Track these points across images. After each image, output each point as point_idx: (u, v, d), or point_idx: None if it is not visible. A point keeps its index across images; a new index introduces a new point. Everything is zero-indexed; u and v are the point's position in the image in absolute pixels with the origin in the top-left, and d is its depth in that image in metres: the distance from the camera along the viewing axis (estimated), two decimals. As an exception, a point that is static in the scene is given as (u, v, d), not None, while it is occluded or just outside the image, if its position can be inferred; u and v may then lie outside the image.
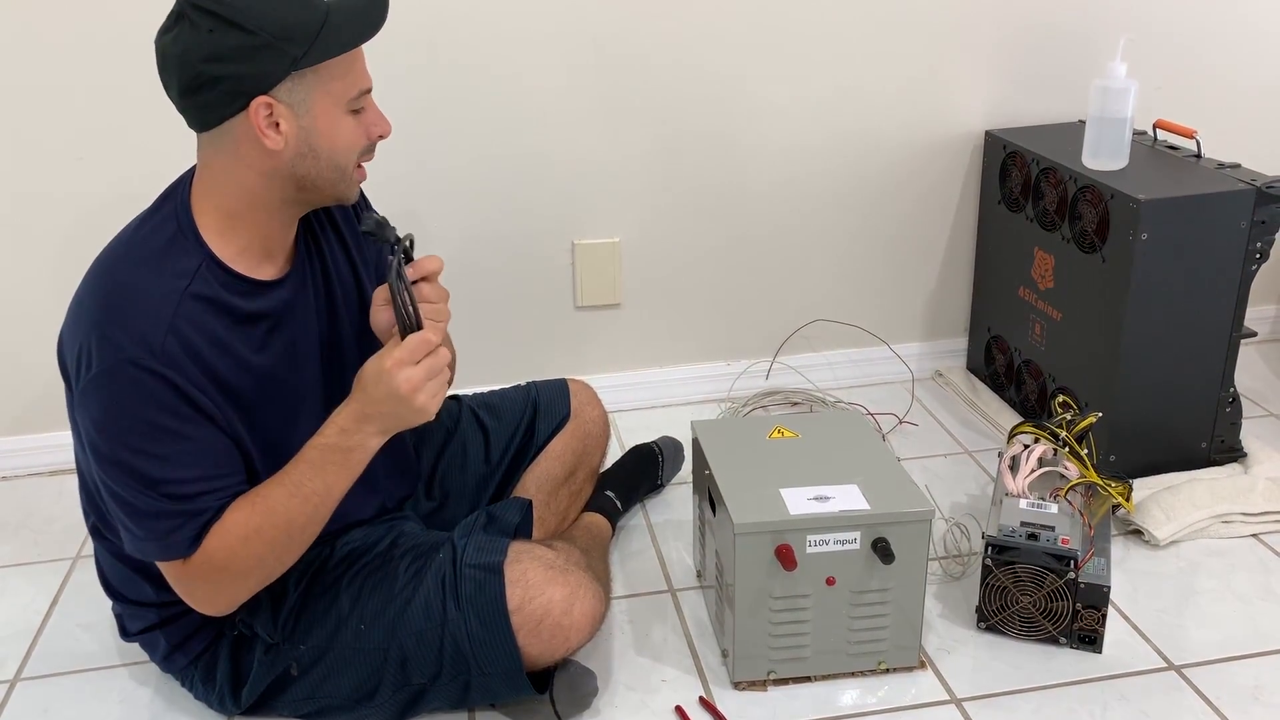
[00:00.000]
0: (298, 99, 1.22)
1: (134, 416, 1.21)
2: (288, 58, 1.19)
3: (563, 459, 1.72)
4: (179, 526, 1.24)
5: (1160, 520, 1.78)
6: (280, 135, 1.23)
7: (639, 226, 2.19)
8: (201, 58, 1.19)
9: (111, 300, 1.23)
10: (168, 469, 1.22)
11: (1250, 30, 2.26)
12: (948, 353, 2.41)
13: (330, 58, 1.22)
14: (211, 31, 1.17)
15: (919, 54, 2.15)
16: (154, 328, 1.20)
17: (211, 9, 1.17)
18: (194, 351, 1.23)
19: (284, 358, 1.35)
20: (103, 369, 1.20)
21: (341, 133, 1.27)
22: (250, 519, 1.26)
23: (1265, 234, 1.83)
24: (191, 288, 1.24)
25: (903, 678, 1.51)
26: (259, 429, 1.32)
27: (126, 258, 1.27)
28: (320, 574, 1.40)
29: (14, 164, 1.93)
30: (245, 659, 1.41)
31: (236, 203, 1.27)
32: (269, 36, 1.18)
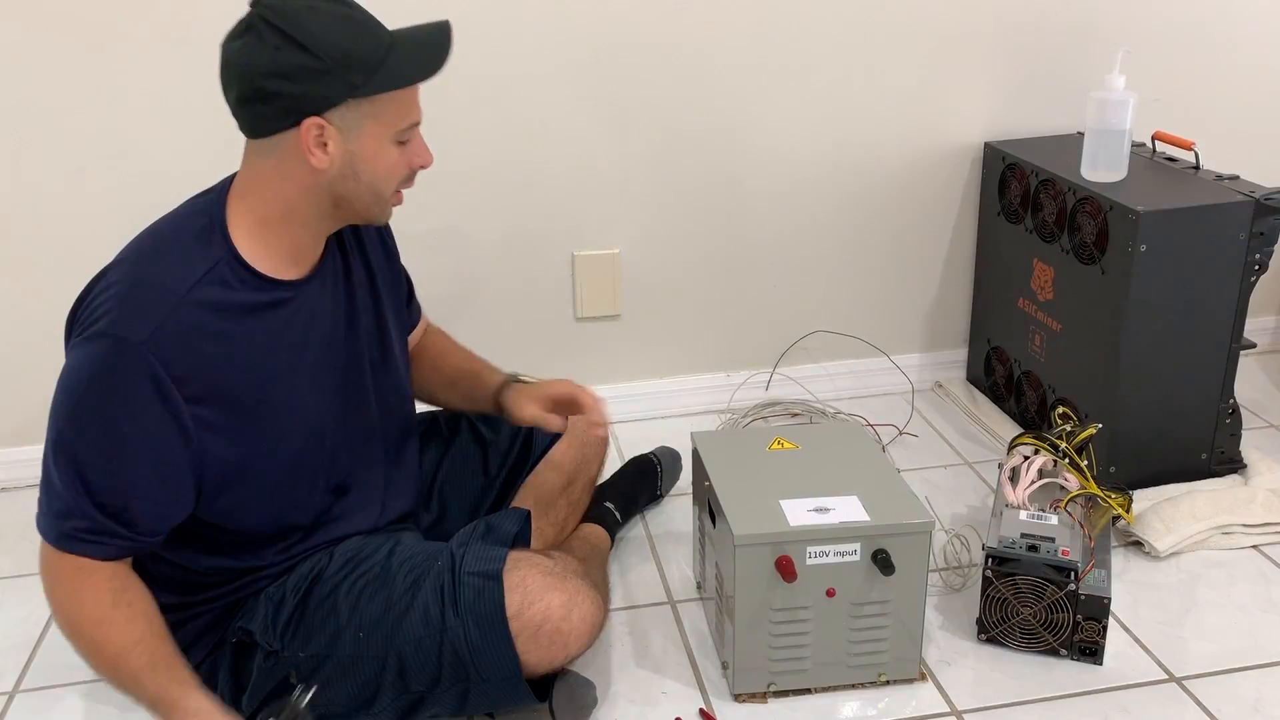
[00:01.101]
0: (349, 124, 1.25)
1: (98, 400, 1.22)
2: (347, 85, 1.22)
3: (561, 470, 1.72)
4: (80, 525, 1.24)
5: (1160, 532, 1.78)
6: (327, 156, 1.25)
7: (639, 238, 2.19)
8: (264, 72, 1.22)
9: (127, 279, 1.25)
10: (106, 478, 1.23)
11: (1248, 42, 2.27)
12: (947, 364, 2.41)
13: (387, 91, 1.25)
14: (278, 49, 1.20)
15: (918, 66, 2.16)
16: (155, 315, 1.22)
17: (281, 27, 1.20)
18: (191, 346, 1.23)
19: (296, 363, 1.35)
20: (96, 333, 1.21)
21: (385, 161, 1.30)
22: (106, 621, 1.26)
23: (1264, 245, 1.83)
24: (202, 283, 1.25)
25: (903, 690, 1.51)
26: (252, 438, 1.31)
27: (153, 242, 1.30)
28: (318, 582, 1.40)
29: (15, 173, 1.94)
30: (245, 667, 1.41)
31: (272, 210, 1.30)
32: (332, 63, 1.21)
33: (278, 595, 1.40)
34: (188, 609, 1.40)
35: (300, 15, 1.21)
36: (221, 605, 1.41)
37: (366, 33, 1.24)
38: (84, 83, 1.90)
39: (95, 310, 1.24)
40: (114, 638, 1.26)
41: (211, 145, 1.96)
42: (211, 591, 1.40)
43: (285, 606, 1.39)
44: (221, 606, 1.41)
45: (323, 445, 1.40)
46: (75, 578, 1.26)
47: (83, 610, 1.26)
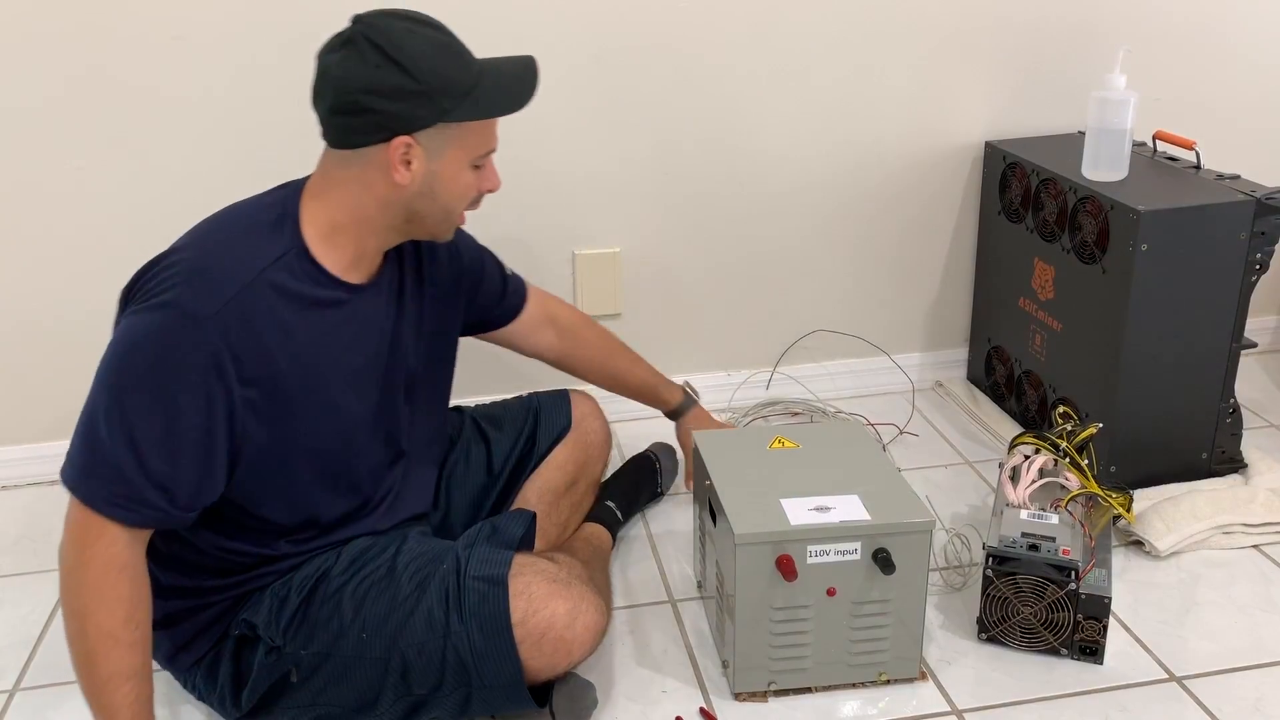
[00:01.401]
0: (434, 145, 1.30)
1: (158, 368, 1.23)
2: (438, 109, 1.28)
3: (565, 469, 1.72)
4: (120, 490, 1.23)
5: (1161, 531, 1.78)
6: (409, 173, 1.30)
7: (639, 237, 2.19)
8: (361, 87, 1.26)
9: (198, 256, 1.28)
10: (151, 444, 1.23)
11: (1249, 41, 2.27)
12: (948, 363, 2.41)
13: (474, 119, 1.32)
14: (378, 67, 1.25)
15: (919, 65, 2.16)
16: (224, 293, 1.24)
17: (383, 46, 1.25)
18: (253, 328, 1.26)
19: (341, 364, 1.37)
20: (163, 303, 1.23)
21: (461, 183, 1.35)
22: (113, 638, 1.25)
23: (1265, 245, 1.83)
24: (271, 269, 1.28)
25: (903, 689, 1.51)
26: (290, 428, 1.33)
27: (226, 225, 1.34)
28: (324, 580, 1.40)
29: (14, 172, 1.94)
30: (247, 660, 1.41)
31: (344, 216, 1.33)
32: (428, 86, 1.26)
33: (283, 591, 1.40)
34: (198, 596, 1.40)
35: (402, 37, 1.26)
36: (229, 598, 1.41)
37: (460, 61, 1.30)
38: (83, 80, 1.90)
39: (162, 282, 1.25)
40: (114, 659, 1.25)
41: (210, 142, 1.97)
42: (222, 580, 1.40)
43: (289, 603, 1.39)
44: (229, 599, 1.41)
45: (352, 447, 1.41)
46: (98, 543, 1.24)
47: (98, 615, 1.24)
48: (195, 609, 1.41)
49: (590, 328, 1.82)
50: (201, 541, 1.38)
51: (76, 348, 2.03)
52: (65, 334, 2.03)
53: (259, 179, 1.44)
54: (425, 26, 1.30)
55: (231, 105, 1.95)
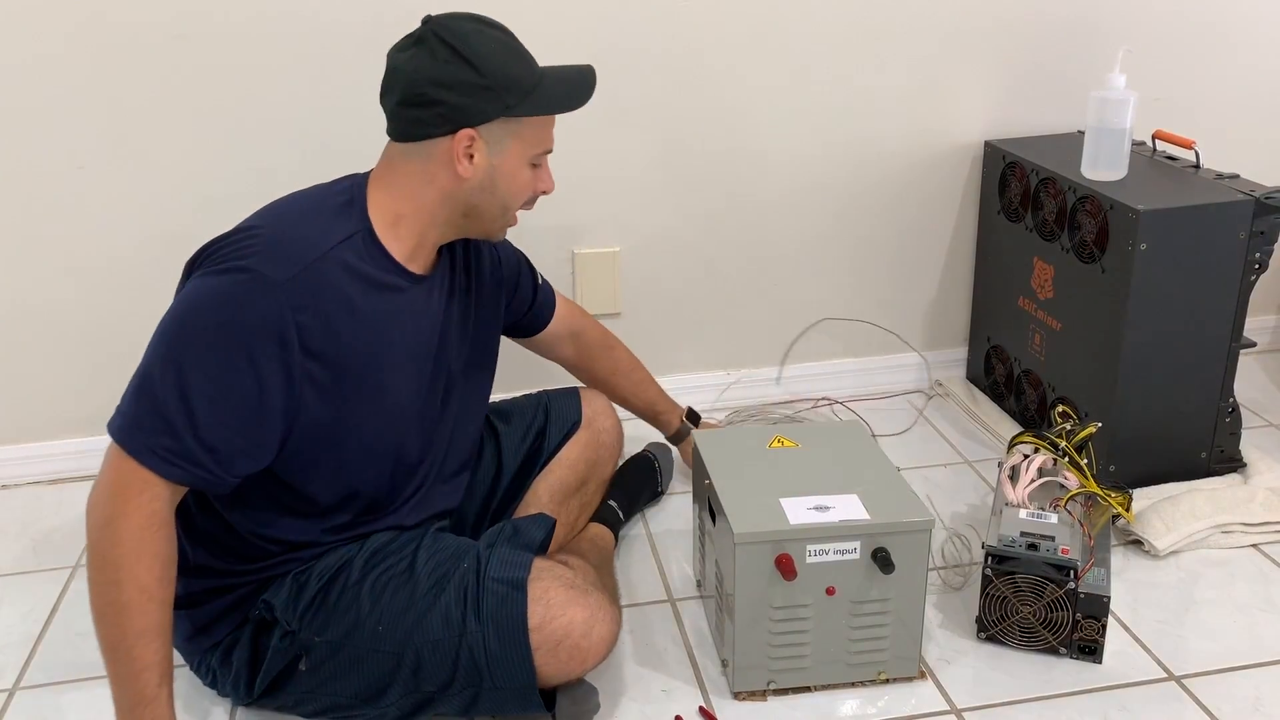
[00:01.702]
0: (496, 139, 1.35)
1: (224, 327, 1.24)
2: (502, 104, 1.33)
3: (576, 468, 1.73)
4: (166, 444, 1.24)
5: (1160, 530, 1.78)
6: (471, 166, 1.35)
7: (639, 236, 2.19)
8: (430, 80, 1.31)
9: (271, 229, 1.32)
10: (205, 401, 1.24)
11: (1248, 41, 2.27)
12: (947, 362, 2.41)
13: (535, 115, 1.38)
14: (447, 62, 1.31)
15: (919, 64, 2.16)
16: (297, 262, 1.28)
17: (452, 43, 1.31)
18: (321, 301, 1.29)
19: (397, 349, 1.39)
20: (237, 267, 1.27)
21: (519, 179, 1.40)
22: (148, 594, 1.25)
23: (1264, 244, 1.83)
24: (341, 246, 1.32)
25: (903, 688, 1.51)
26: (346, 406, 1.34)
27: (297, 205, 1.39)
28: (345, 569, 1.41)
29: (16, 172, 1.94)
30: (264, 644, 1.42)
31: (407, 207, 1.38)
32: (494, 81, 1.32)
33: (304, 576, 1.41)
34: (225, 577, 1.41)
35: (470, 35, 1.32)
36: (254, 582, 1.42)
37: (523, 60, 1.37)
38: (84, 80, 1.90)
39: (237, 250, 1.28)
40: (148, 615, 1.25)
41: (212, 142, 1.97)
42: (250, 564, 1.41)
43: (309, 588, 1.40)
44: (253, 583, 1.42)
45: (397, 433, 1.43)
46: (140, 496, 1.24)
47: (136, 569, 1.24)
48: (219, 590, 1.41)
49: (612, 349, 1.89)
50: (239, 522, 1.39)
51: (75, 347, 2.03)
52: (65, 334, 2.03)
53: (260, 179, 1.45)
54: (492, 29, 1.36)
55: (233, 105, 1.95)
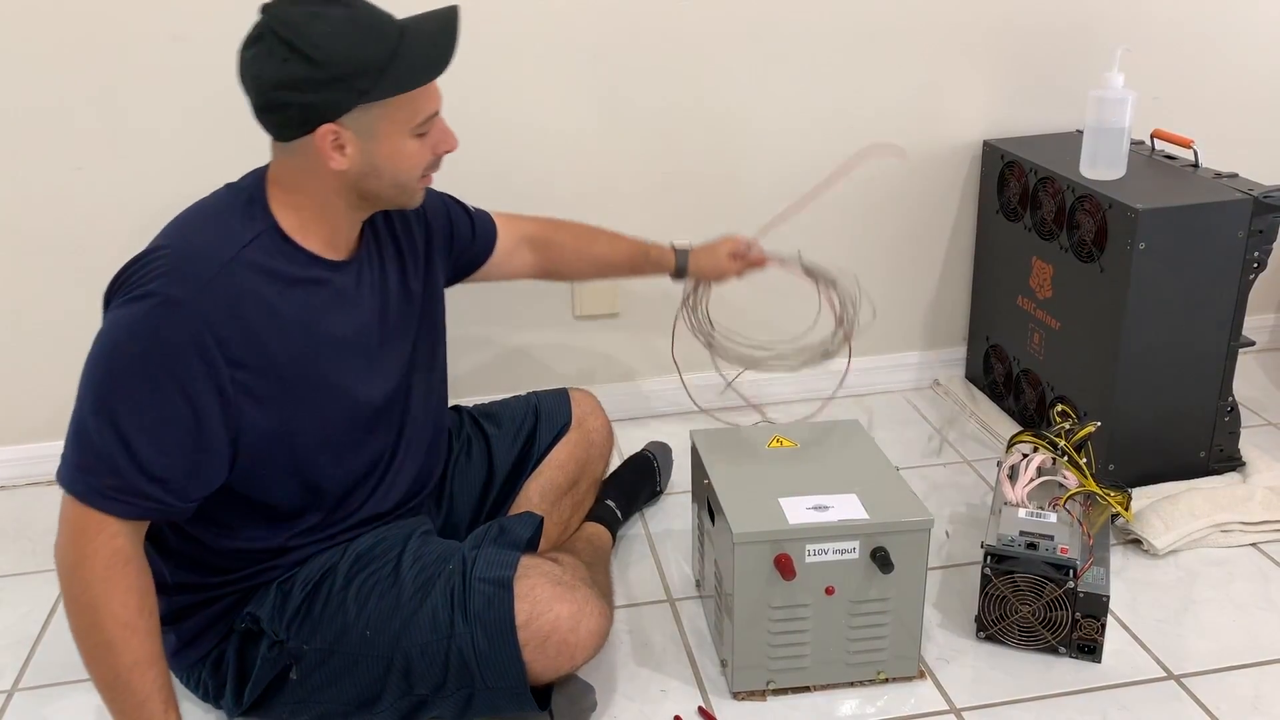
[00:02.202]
0: (364, 126, 1.28)
1: (142, 357, 1.23)
2: (354, 91, 1.25)
3: (566, 468, 1.72)
4: (111, 483, 1.23)
5: (1159, 529, 1.78)
6: (345, 158, 1.29)
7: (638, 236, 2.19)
8: (273, 84, 1.24)
9: (174, 246, 1.28)
10: (142, 434, 1.23)
11: (1247, 40, 2.27)
12: (946, 362, 2.41)
13: (395, 95, 1.28)
14: (285, 60, 1.23)
15: (917, 65, 2.16)
16: (203, 276, 1.24)
17: (287, 38, 1.22)
18: (237, 309, 1.26)
19: (333, 341, 1.37)
20: (144, 293, 1.23)
21: (405, 155, 1.33)
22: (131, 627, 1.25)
23: (1263, 243, 1.83)
24: (249, 249, 1.28)
25: (902, 687, 1.51)
26: (289, 408, 1.33)
27: (197, 216, 1.34)
28: (329, 576, 1.41)
29: (13, 174, 1.94)
30: (251, 655, 1.41)
31: (305, 203, 1.33)
32: (338, 71, 1.23)
33: (288, 586, 1.41)
34: (205, 591, 1.41)
35: (305, 25, 1.22)
36: (236, 592, 1.41)
37: (371, 36, 1.26)
38: (82, 81, 1.90)
39: (143, 276, 1.26)
40: (135, 646, 1.26)
41: (210, 142, 1.97)
42: (229, 575, 1.41)
43: (294, 598, 1.39)
44: (236, 594, 1.42)
45: (353, 421, 1.42)
46: (99, 536, 1.24)
47: (111, 606, 1.24)
48: (202, 604, 1.41)
49: (560, 229, 1.79)
50: (210, 538, 1.38)
51: (74, 348, 2.02)
52: (63, 334, 2.02)
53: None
54: (333, 5, 1.25)
55: (232, 105, 1.95)
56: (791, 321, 1.96)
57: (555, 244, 1.77)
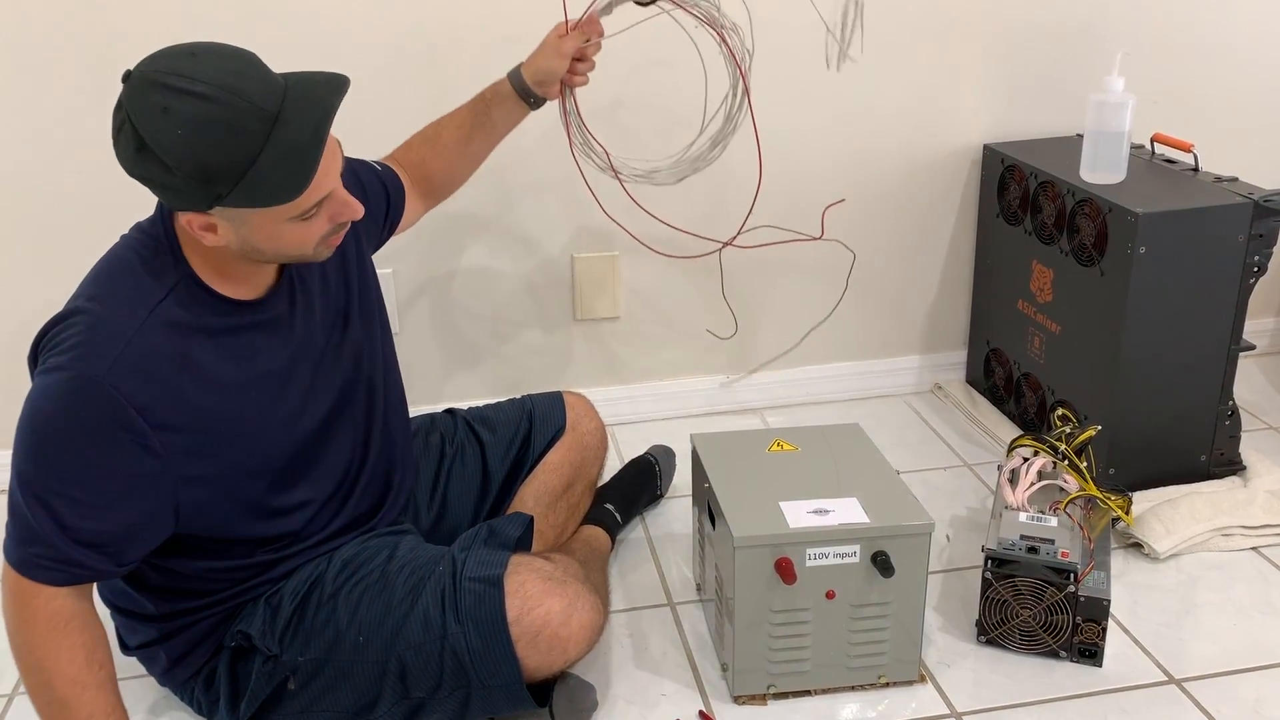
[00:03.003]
0: (231, 216, 1.20)
1: (65, 432, 1.21)
2: (210, 195, 1.16)
3: (560, 471, 1.72)
4: (43, 553, 1.22)
5: (1160, 533, 1.78)
6: (219, 237, 1.22)
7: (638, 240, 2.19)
8: (132, 172, 1.18)
9: (87, 312, 1.24)
10: (72, 506, 1.21)
11: (1247, 44, 2.27)
12: (947, 365, 2.41)
13: (255, 207, 1.18)
14: (139, 150, 1.14)
15: (918, 69, 2.16)
16: (114, 346, 1.20)
17: (141, 132, 1.13)
18: (153, 374, 1.22)
19: (266, 381, 1.34)
20: (57, 366, 1.21)
21: (287, 237, 1.24)
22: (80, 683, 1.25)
23: (1263, 247, 1.83)
24: (162, 307, 1.24)
25: (903, 691, 1.51)
26: (230, 457, 1.30)
27: (107, 273, 1.28)
28: (317, 586, 1.40)
29: (14, 177, 1.94)
30: (244, 670, 1.41)
31: (212, 257, 1.28)
32: (190, 175, 1.14)
33: (275, 600, 1.40)
34: (185, 616, 1.40)
35: (154, 121, 1.12)
36: (220, 611, 1.41)
37: (228, 140, 1.13)
38: (80, 83, 1.90)
39: (60, 343, 1.22)
40: (87, 702, 1.25)
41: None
42: (206, 599, 1.40)
43: (283, 611, 1.39)
44: (220, 613, 1.41)
45: (303, 446, 1.39)
46: (35, 600, 1.24)
47: (58, 665, 1.24)
48: (187, 626, 1.40)
49: (412, 148, 1.67)
50: (186, 568, 1.37)
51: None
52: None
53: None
54: (187, 97, 1.12)
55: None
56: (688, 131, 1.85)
57: (420, 165, 1.65)
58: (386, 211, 1.60)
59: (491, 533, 1.49)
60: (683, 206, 1.99)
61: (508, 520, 1.52)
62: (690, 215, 1.97)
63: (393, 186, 1.62)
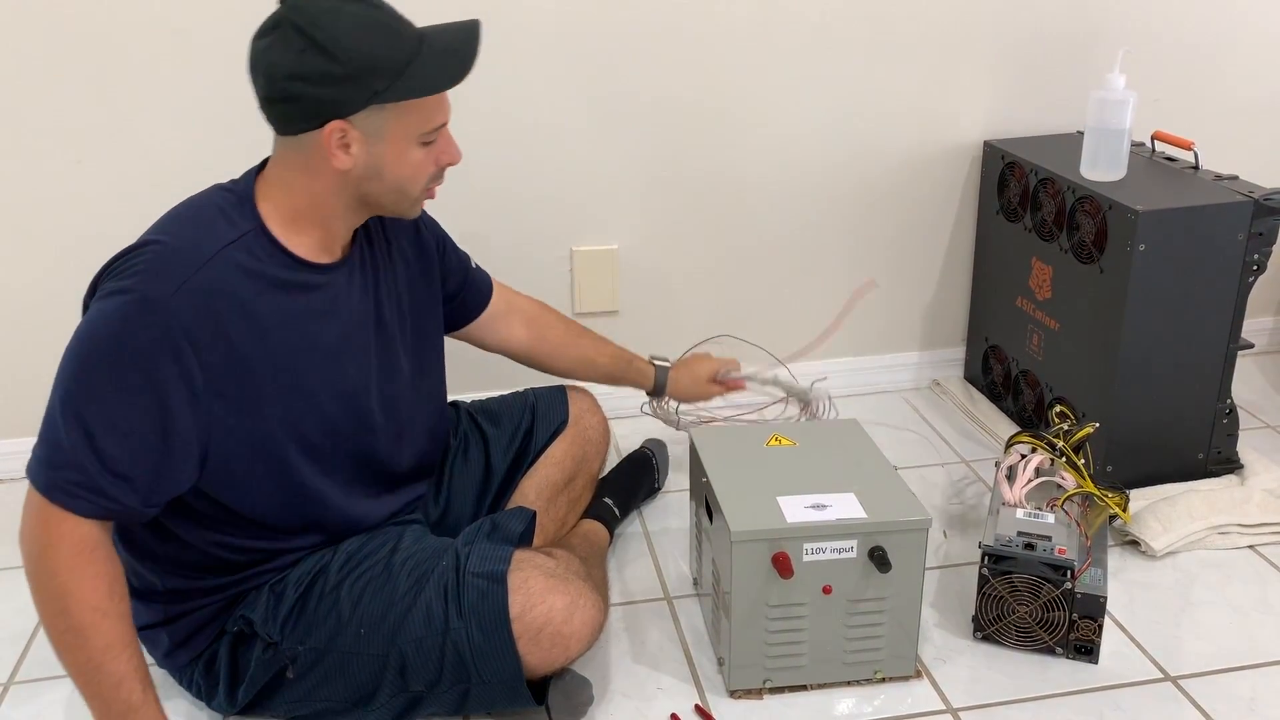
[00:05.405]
0: (372, 128, 1.27)
1: (114, 354, 1.21)
2: (369, 91, 1.24)
3: (562, 465, 1.72)
4: (74, 478, 1.22)
5: (1157, 531, 1.78)
6: (350, 157, 1.28)
7: (637, 234, 2.19)
8: (286, 75, 1.23)
9: (156, 244, 1.26)
10: (109, 432, 1.22)
11: (1248, 42, 2.27)
12: (945, 362, 2.41)
13: (409, 99, 1.27)
14: (302, 51, 1.21)
15: (918, 65, 2.16)
16: (181, 274, 1.23)
17: (306, 30, 1.21)
18: (213, 310, 1.24)
19: (320, 348, 1.35)
20: (121, 289, 1.22)
21: (409, 162, 1.32)
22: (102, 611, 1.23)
23: (1262, 246, 1.83)
24: (230, 249, 1.26)
25: (899, 687, 1.51)
26: (265, 414, 1.31)
27: (182, 214, 1.32)
28: (321, 576, 1.40)
29: (13, 167, 1.93)
30: (244, 656, 1.41)
31: (299, 201, 1.32)
32: (355, 69, 1.22)
33: (280, 587, 1.40)
34: (190, 598, 1.40)
35: (325, 19, 1.21)
36: (227, 596, 1.41)
37: (391, 37, 1.25)
38: (82, 73, 1.90)
39: (124, 271, 1.24)
40: (106, 630, 1.24)
41: (211, 136, 1.96)
42: (220, 579, 1.40)
43: (286, 599, 1.39)
44: (225, 599, 1.41)
45: (338, 430, 1.40)
46: (63, 525, 1.23)
47: (80, 592, 1.23)
48: (192, 610, 1.40)
49: (551, 314, 1.79)
50: (198, 539, 1.37)
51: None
52: (59, 329, 2.01)
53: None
54: (355, 4, 1.24)
55: (232, 99, 1.94)
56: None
57: (547, 326, 1.77)
58: (449, 265, 1.62)
59: (495, 527, 1.49)
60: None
61: (511, 515, 1.52)
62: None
63: (475, 276, 1.67)
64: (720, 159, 2.17)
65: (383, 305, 1.45)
